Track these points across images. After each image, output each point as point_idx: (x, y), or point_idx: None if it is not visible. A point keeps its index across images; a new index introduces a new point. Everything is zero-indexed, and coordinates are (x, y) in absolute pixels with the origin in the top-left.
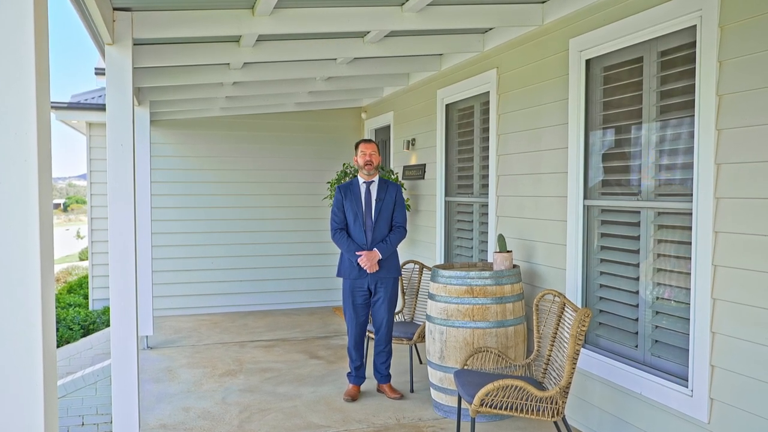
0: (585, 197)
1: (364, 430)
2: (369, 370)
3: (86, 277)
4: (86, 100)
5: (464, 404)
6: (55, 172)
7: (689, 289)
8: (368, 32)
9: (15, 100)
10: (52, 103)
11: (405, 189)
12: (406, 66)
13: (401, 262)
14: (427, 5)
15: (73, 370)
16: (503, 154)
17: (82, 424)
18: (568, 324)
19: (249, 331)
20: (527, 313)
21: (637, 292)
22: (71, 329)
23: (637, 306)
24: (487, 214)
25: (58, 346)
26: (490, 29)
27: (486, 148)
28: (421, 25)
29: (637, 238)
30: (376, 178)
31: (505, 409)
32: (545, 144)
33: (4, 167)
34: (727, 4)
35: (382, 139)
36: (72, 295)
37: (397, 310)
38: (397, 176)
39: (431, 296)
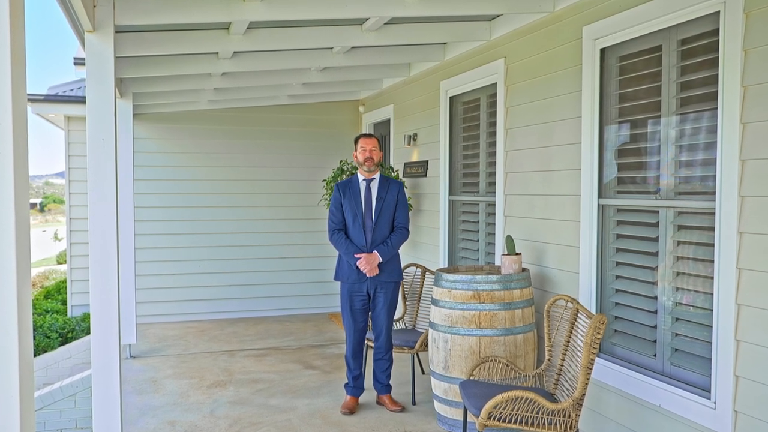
0: (599, 196)
1: None
2: (368, 380)
3: (64, 281)
4: (65, 92)
5: (470, 417)
6: (32, 170)
7: (712, 294)
8: (367, 19)
9: None
10: (28, 95)
11: (406, 187)
12: (407, 56)
13: (402, 265)
14: None
15: (51, 381)
16: (511, 150)
17: None
18: (582, 331)
19: (239, 339)
20: (538, 319)
21: (655, 298)
22: (48, 337)
23: (655, 312)
24: (494, 214)
25: (34, 355)
26: (498, 16)
27: (493, 144)
28: (424, 11)
29: (656, 239)
30: (376, 176)
31: (515, 422)
32: (557, 139)
33: None
34: None
35: (381, 133)
36: (49, 300)
37: (397, 316)
38: (398, 174)
39: (435, 302)
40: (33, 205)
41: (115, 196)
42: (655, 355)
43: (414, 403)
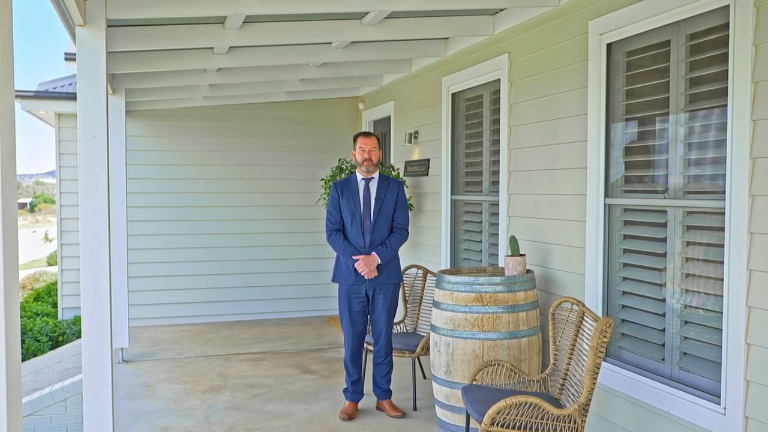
0: (606, 195)
1: None
2: (367, 385)
3: (55, 283)
4: (55, 88)
5: (473, 423)
6: (21, 169)
7: (721, 296)
8: (367, 13)
9: None
10: (17, 91)
11: (407, 186)
12: (408, 51)
13: (403, 266)
14: None
15: (41, 386)
16: (515, 148)
17: None
18: (588, 335)
19: (235, 342)
20: (542, 322)
21: (663, 300)
22: (38, 341)
23: (663, 315)
24: (498, 214)
25: (23, 360)
26: (501, 10)
27: (496, 142)
28: (425, 5)
29: (664, 240)
30: (376, 175)
31: (519, 428)
32: (562, 137)
33: None
34: None
35: (381, 131)
36: (39, 303)
37: (398, 319)
38: (398, 172)
39: (436, 304)
40: (23, 205)
41: (107, 196)
42: (663, 359)
43: (415, 408)
